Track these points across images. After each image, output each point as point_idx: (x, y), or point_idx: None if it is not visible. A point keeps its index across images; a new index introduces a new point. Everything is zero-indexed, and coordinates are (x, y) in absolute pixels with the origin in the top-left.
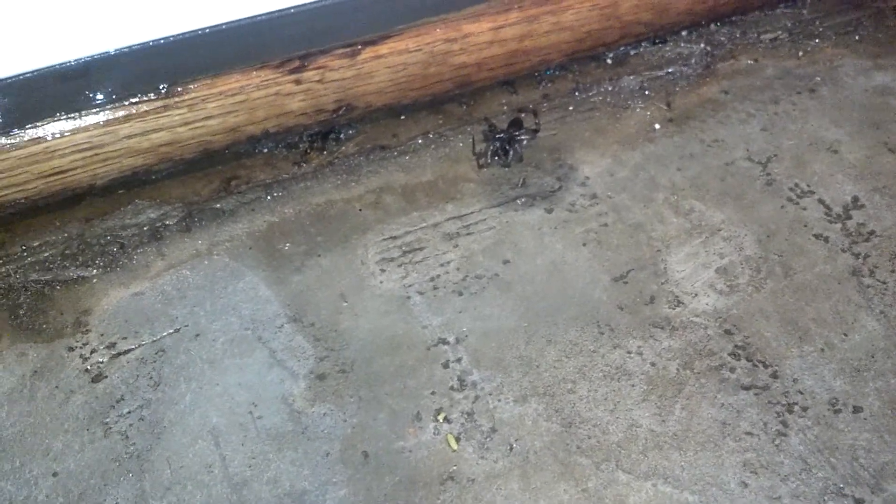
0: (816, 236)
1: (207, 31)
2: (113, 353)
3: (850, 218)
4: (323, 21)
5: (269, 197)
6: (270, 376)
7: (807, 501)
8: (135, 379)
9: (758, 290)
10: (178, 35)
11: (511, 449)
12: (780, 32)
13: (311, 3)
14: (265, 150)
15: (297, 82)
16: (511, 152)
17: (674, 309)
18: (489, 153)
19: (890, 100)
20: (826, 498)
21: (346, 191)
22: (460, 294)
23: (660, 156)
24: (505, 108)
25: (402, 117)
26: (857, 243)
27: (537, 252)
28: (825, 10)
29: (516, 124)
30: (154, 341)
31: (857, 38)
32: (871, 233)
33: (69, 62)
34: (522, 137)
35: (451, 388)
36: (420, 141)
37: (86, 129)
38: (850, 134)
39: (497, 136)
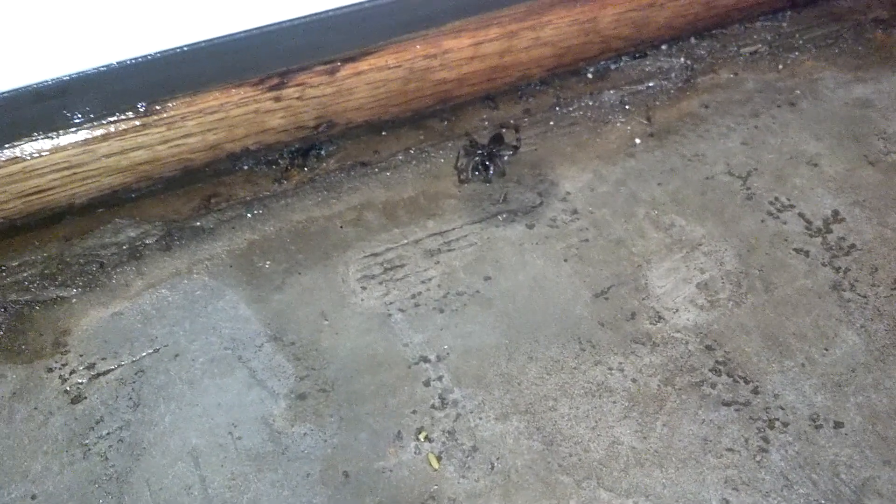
0: (797, 250)
1: (186, 49)
2: (92, 373)
3: (830, 232)
4: (302, 38)
5: (249, 214)
6: (250, 396)
7: None
8: (114, 400)
9: (738, 305)
10: (157, 53)
11: (492, 468)
12: (760, 46)
13: (289, 21)
14: (245, 168)
15: (277, 99)
16: (492, 168)
17: (655, 325)
18: (470, 169)
19: (870, 112)
20: None
21: (326, 208)
22: (441, 311)
23: (640, 170)
24: (486, 123)
25: (383, 133)
26: (837, 257)
27: (518, 268)
28: (805, 22)
29: (497, 140)
30: (133, 361)
31: (836, 50)
32: (852, 246)
33: (47, 81)
34: (503, 153)
35: (433, 406)
36: (401, 157)
37: (64, 148)
38: (831, 147)
39: (478, 151)
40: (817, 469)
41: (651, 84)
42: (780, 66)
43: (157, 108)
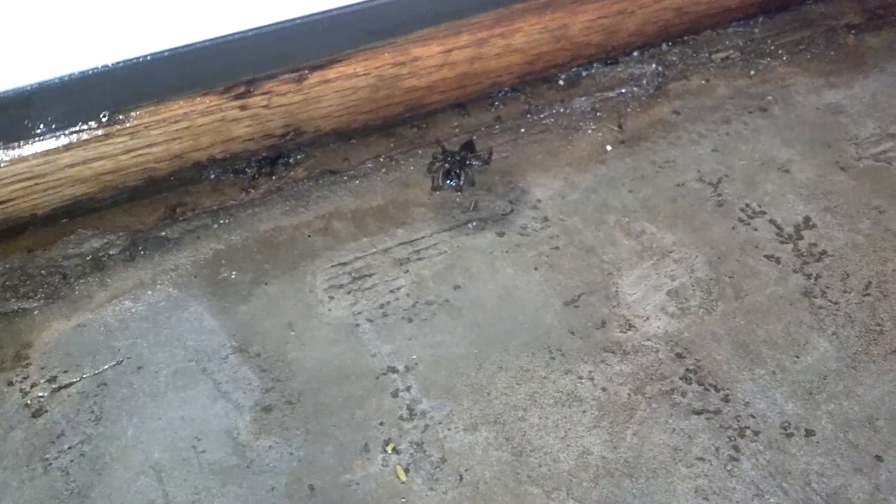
0: (768, 257)
1: (150, 58)
2: (54, 386)
3: (801, 238)
4: (269, 46)
5: (215, 224)
6: (215, 409)
7: None
8: (76, 413)
9: (709, 313)
10: (120, 62)
11: (461, 479)
12: (731, 52)
13: (256, 29)
14: (212, 177)
15: (243, 108)
16: (463, 176)
17: (625, 333)
18: (441, 176)
19: (841, 118)
20: None
21: (294, 217)
22: (410, 321)
23: (611, 178)
24: (457, 130)
25: (353, 141)
26: (808, 264)
27: (489, 277)
28: (777, 28)
29: (468, 147)
30: (96, 374)
31: (808, 56)
32: (823, 253)
33: (7, 91)
34: (474, 162)
35: (401, 417)
36: (370, 165)
37: (25, 158)
38: (802, 153)
39: (448, 159)
40: (788, 478)
41: (622, 91)
42: (752, 72)
43: (121, 117)
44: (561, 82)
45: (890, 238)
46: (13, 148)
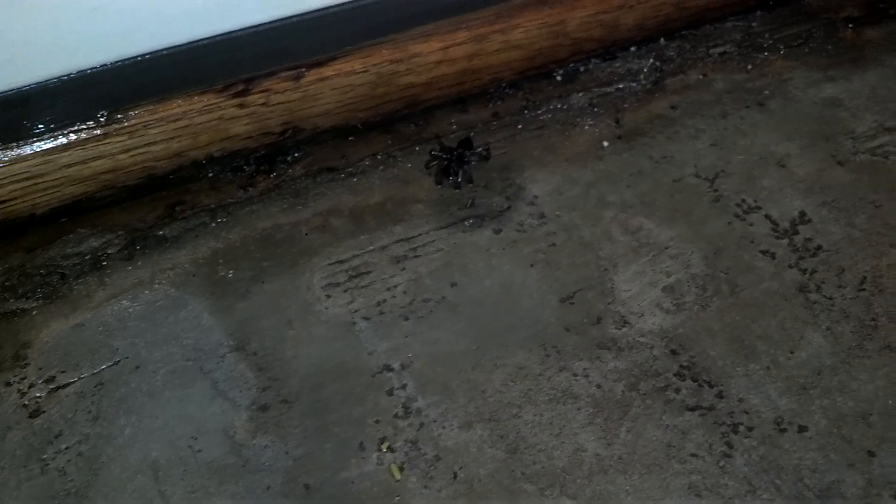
0: (763, 252)
1: (148, 56)
2: (51, 387)
3: (797, 233)
4: (266, 44)
5: (213, 223)
6: (212, 408)
7: None
8: (73, 413)
9: (704, 309)
10: (118, 61)
11: (455, 477)
12: (729, 46)
13: (254, 26)
14: (210, 175)
15: (242, 106)
16: (461, 172)
17: (620, 329)
18: (439, 173)
19: (839, 112)
20: None
21: (293, 214)
22: (407, 318)
23: (609, 173)
24: (455, 127)
25: (351, 138)
26: (803, 259)
27: (486, 274)
28: (775, 22)
29: (466, 144)
30: (94, 374)
31: (806, 49)
32: (818, 248)
33: (6, 91)
34: (472, 159)
35: (396, 415)
36: (368, 162)
37: (25, 158)
38: (800, 147)
39: (446, 156)
40: (781, 474)
41: (620, 86)
42: (750, 67)
43: (119, 116)
44: (559, 78)
45: (886, 232)
46: (12, 148)
